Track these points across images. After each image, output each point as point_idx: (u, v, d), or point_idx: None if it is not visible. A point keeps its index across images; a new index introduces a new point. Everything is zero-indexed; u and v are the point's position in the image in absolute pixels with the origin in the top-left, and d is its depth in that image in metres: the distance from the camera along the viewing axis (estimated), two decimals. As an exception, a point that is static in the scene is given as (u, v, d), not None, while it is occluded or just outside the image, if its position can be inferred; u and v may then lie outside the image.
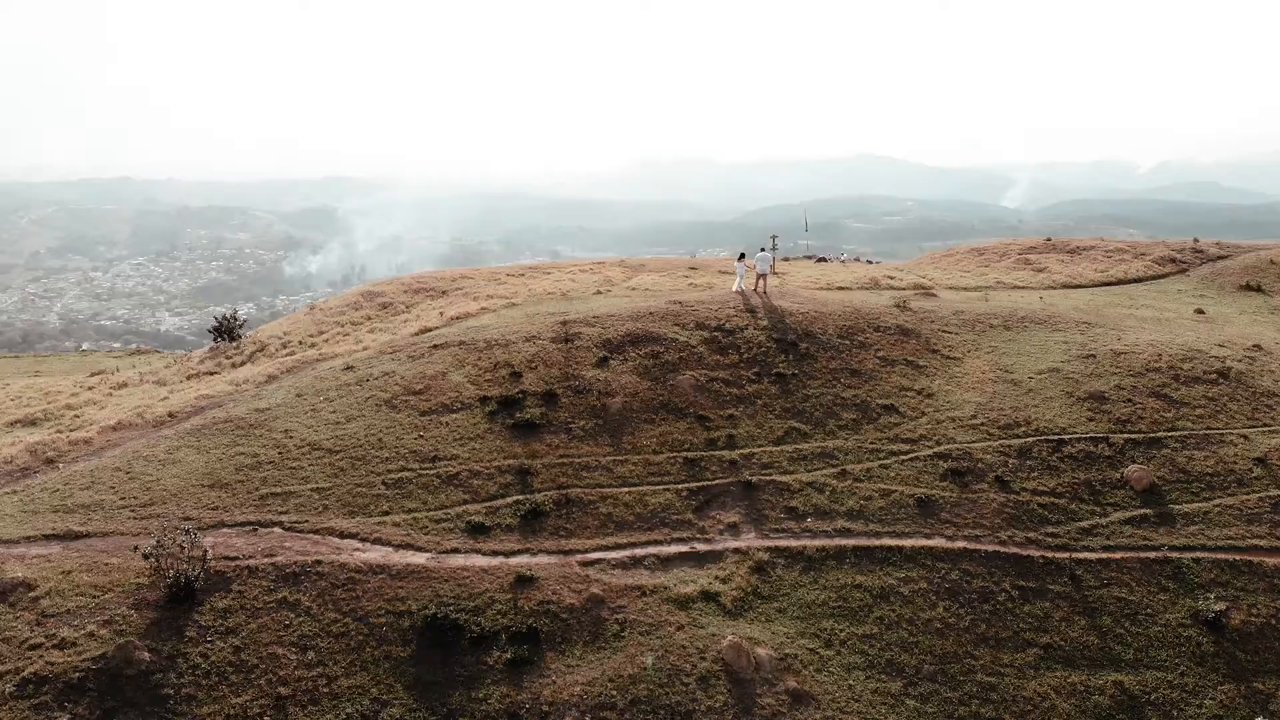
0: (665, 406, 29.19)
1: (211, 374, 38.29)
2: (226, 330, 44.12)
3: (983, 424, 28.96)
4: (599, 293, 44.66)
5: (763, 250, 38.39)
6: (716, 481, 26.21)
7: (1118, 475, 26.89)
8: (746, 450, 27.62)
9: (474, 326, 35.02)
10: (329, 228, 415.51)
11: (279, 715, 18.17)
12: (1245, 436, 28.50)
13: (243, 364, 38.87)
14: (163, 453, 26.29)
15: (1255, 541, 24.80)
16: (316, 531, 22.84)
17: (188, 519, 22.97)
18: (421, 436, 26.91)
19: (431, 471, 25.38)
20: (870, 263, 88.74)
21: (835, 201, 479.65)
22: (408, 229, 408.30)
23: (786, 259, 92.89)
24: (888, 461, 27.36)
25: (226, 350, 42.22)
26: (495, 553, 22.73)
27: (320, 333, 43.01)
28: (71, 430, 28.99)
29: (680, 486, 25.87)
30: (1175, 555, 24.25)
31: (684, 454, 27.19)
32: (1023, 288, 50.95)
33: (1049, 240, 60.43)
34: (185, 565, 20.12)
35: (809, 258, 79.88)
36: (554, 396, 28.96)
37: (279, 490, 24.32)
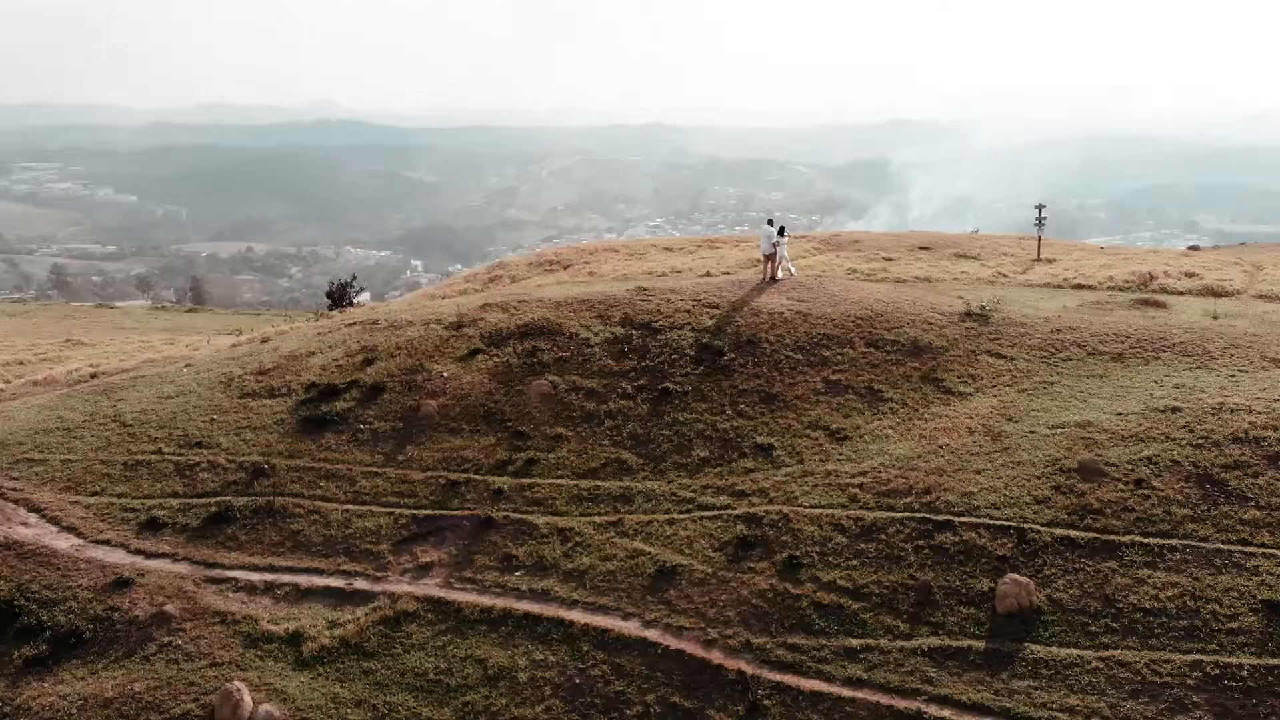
0: (488, 416, 29.81)
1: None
2: (337, 297, 51.90)
3: (858, 485, 25.32)
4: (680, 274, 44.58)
5: (768, 224, 35.99)
6: (456, 512, 26.61)
7: (984, 586, 22.16)
8: (534, 479, 27.41)
9: (430, 306, 38.04)
10: (879, 185, 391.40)
11: None
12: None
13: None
14: (13, 410, 33.51)
15: (1110, 724, 19.20)
16: (18, 502, 27.98)
17: (-59, 474, 29.63)
18: (212, 420, 30.92)
19: (175, 458, 29.29)
20: None
21: None
22: (981, 186, 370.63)
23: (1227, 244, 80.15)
24: (684, 516, 25.42)
25: (324, 317, 49.84)
26: (140, 551, 26.01)
27: (409, 306, 48.79)
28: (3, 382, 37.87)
29: (409, 512, 26.75)
30: (943, 715, 19.82)
31: (452, 474, 27.85)
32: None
33: None
34: None
35: None
36: (379, 391, 31.12)
37: (36, 457, 29.97)
